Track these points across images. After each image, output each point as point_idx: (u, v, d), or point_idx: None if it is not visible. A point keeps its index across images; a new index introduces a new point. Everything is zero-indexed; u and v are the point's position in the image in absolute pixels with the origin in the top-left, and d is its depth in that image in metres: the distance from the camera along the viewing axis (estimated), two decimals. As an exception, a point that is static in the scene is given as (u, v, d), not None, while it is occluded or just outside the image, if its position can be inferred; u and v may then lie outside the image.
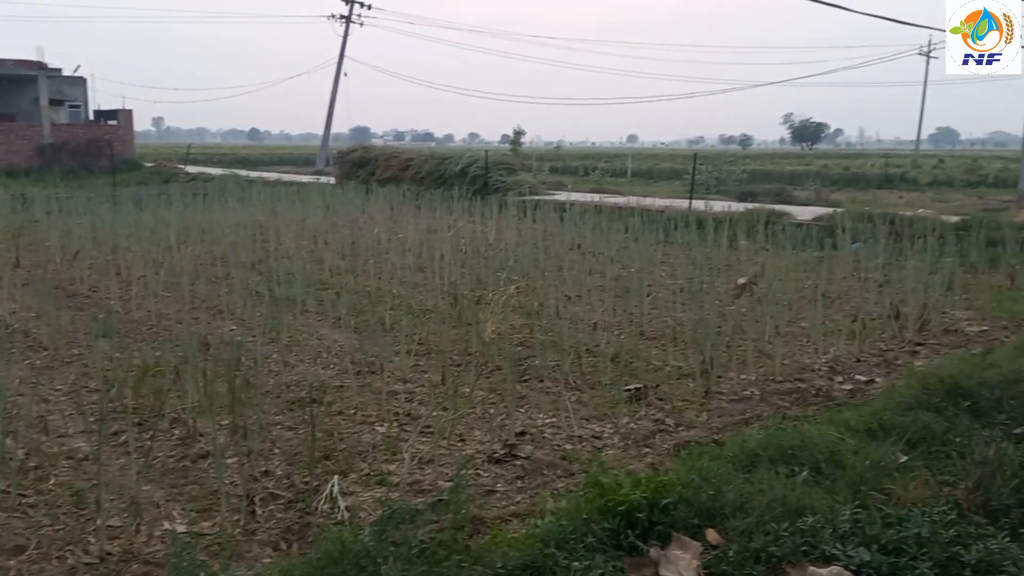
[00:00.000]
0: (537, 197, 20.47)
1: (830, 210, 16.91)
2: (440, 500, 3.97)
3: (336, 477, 4.31)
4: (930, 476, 3.88)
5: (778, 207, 17.72)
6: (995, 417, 4.69)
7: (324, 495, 4.17)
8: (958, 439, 4.28)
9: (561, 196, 21.13)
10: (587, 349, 7.03)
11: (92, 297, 9.63)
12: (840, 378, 6.46)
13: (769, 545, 3.17)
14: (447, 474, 4.48)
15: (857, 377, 6.48)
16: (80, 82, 40.25)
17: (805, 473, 3.87)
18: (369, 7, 44.91)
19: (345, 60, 44.53)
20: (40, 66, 36.46)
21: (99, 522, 3.84)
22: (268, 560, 3.64)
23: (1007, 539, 3.26)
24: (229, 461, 4.67)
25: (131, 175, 32.03)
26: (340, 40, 44.35)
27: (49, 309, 7.74)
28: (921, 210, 17.47)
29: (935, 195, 27.82)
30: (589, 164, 46.00)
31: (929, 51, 64.72)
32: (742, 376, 6.51)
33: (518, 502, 4.22)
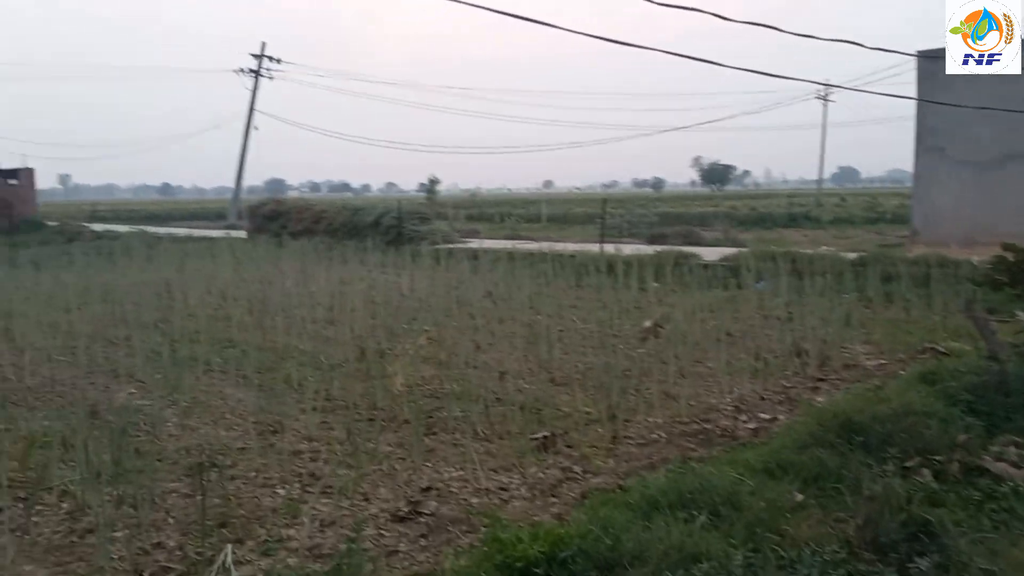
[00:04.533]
0: (451, 245, 20.51)
1: (736, 250, 17.40)
2: (337, 565, 3.85)
3: (229, 546, 4.12)
4: (823, 514, 3.96)
5: (686, 249, 18.13)
6: (886, 451, 4.82)
7: (217, 566, 3.99)
8: (850, 475, 4.38)
9: (475, 243, 21.22)
10: (496, 398, 6.99)
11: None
12: (744, 417, 6.57)
13: (665, 594, 3.17)
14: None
15: (761, 415, 6.60)
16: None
17: (703, 517, 3.89)
18: (278, 61, 44.88)
19: (257, 113, 44.36)
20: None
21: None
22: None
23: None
24: (118, 534, 4.45)
25: (32, 235, 30.91)
26: (250, 94, 44.19)
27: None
28: (823, 247, 18.15)
29: (836, 232, 29.10)
30: (505, 210, 46.47)
31: (826, 96, 68.03)
32: (649, 419, 6.54)
33: (421, 562, 4.13)
